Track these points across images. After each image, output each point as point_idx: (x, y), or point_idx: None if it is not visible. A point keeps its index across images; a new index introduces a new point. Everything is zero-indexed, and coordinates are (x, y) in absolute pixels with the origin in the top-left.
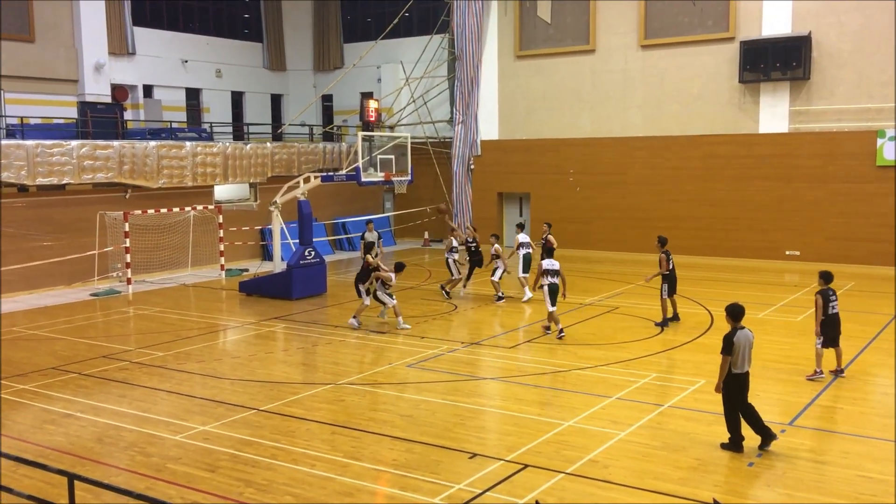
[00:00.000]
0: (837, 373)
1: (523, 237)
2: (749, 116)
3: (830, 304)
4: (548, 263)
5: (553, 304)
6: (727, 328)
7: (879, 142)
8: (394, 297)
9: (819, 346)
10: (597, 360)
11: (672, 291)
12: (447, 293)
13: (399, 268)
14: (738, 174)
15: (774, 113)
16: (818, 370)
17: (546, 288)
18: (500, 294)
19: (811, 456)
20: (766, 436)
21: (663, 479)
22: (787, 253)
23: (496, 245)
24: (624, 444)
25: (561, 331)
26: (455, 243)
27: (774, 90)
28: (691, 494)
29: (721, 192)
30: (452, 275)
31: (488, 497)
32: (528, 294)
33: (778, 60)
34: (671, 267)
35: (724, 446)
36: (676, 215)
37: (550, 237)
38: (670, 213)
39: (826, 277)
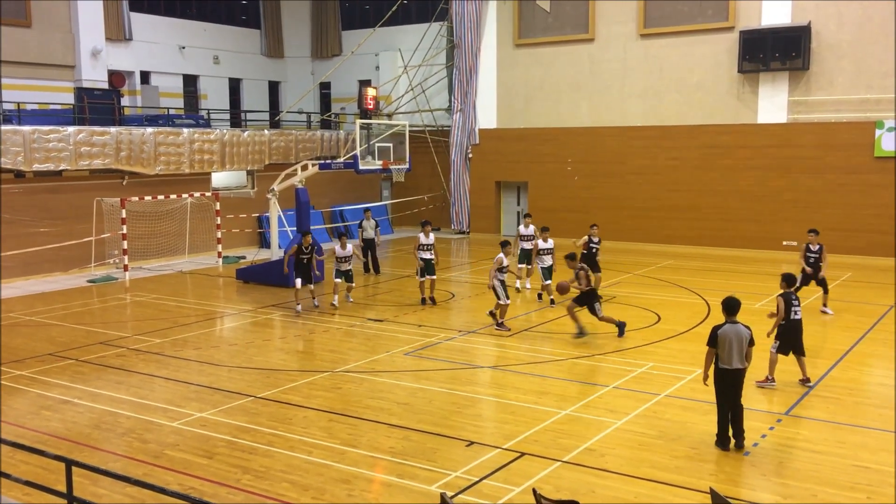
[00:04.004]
0: (805, 381)
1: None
2: (748, 107)
3: (793, 309)
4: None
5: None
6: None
7: (878, 132)
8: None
9: (774, 351)
10: (594, 349)
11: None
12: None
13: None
14: (736, 164)
15: (773, 103)
16: (770, 377)
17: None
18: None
19: (807, 445)
20: (738, 440)
21: (660, 467)
22: (785, 243)
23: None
24: (620, 432)
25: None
26: (505, 262)
27: (773, 80)
28: (688, 483)
29: (719, 182)
30: (500, 299)
31: (485, 485)
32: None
33: (777, 51)
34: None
35: (716, 443)
36: (674, 205)
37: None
38: (668, 202)
39: (790, 280)
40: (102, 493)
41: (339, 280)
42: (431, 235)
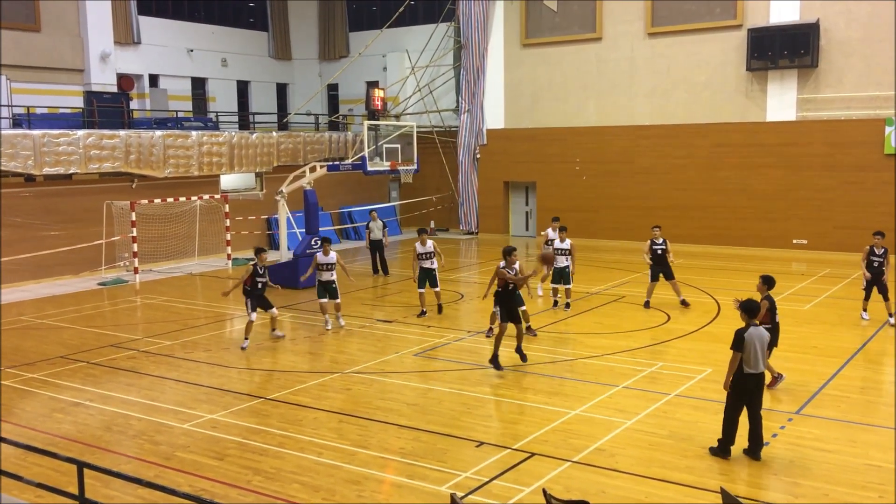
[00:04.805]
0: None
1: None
2: (756, 104)
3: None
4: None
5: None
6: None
7: (888, 130)
8: None
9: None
10: (603, 349)
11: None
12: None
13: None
14: (745, 163)
15: (782, 101)
16: (776, 375)
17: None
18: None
19: (818, 444)
20: (756, 450)
21: (670, 467)
22: (795, 242)
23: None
24: (631, 432)
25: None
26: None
27: (782, 78)
28: (698, 483)
29: (728, 180)
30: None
31: (495, 485)
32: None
33: (786, 48)
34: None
35: (712, 451)
36: (683, 204)
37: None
38: (677, 201)
39: (770, 283)
40: (114, 494)
41: (323, 300)
42: (430, 243)
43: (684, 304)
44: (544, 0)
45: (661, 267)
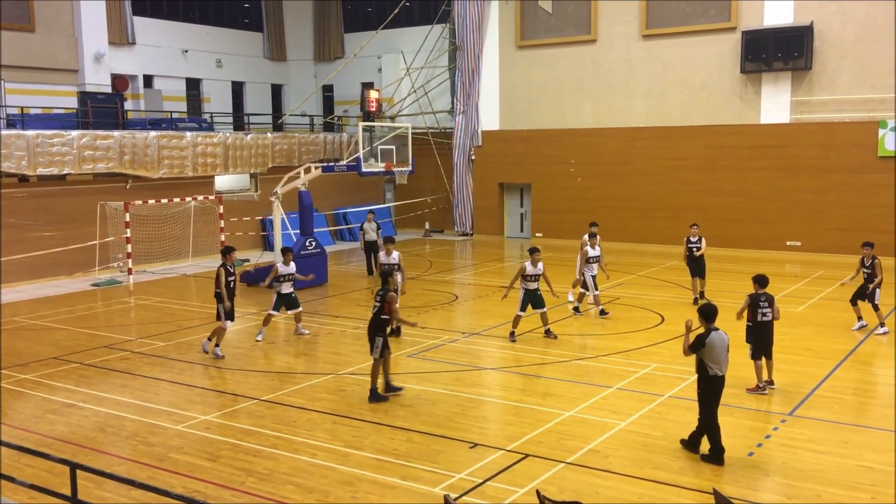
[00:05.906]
0: (768, 384)
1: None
2: (751, 107)
3: (761, 311)
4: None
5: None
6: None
7: (881, 132)
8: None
9: (752, 359)
10: (598, 350)
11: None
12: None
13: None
14: (739, 164)
15: (776, 103)
16: (760, 384)
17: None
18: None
19: (811, 445)
20: (718, 452)
21: (663, 468)
22: (789, 243)
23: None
24: (624, 433)
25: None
26: (529, 269)
27: (776, 80)
28: (691, 484)
29: (722, 182)
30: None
31: (489, 486)
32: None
33: (780, 50)
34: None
35: (704, 458)
36: (678, 205)
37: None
38: (672, 203)
39: (761, 281)
40: (107, 496)
41: (274, 312)
42: (395, 254)
43: (695, 303)
44: (539, 1)
45: (691, 264)
